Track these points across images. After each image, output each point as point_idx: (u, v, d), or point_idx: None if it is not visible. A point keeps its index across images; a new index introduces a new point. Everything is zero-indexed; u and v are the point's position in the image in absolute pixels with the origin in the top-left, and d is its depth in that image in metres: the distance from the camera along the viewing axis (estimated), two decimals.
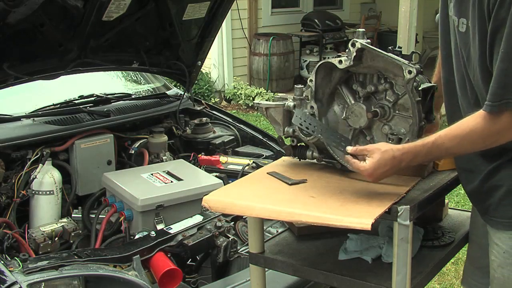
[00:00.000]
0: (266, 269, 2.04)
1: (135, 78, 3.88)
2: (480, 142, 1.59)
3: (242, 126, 3.56)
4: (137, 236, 2.47)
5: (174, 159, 3.21)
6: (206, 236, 2.37)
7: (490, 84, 1.53)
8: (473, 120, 1.57)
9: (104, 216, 2.63)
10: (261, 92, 8.03)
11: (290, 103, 1.94)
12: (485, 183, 1.73)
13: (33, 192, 2.65)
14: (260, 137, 3.46)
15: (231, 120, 3.63)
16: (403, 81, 1.70)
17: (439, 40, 1.85)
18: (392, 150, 1.62)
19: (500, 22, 1.46)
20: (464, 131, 1.57)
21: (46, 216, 2.64)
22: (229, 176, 2.96)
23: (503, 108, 1.50)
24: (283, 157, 2.13)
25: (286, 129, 1.97)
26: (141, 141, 3.20)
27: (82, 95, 3.29)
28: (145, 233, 2.44)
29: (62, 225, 2.53)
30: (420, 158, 1.63)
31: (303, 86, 1.94)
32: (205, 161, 3.13)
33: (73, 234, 2.53)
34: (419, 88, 1.74)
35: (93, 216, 2.67)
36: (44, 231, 2.45)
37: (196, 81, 7.28)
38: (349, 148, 1.70)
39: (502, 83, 1.49)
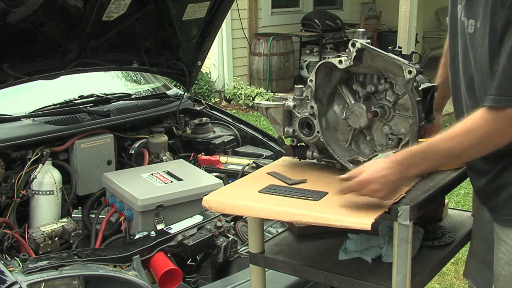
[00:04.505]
0: (266, 269, 2.04)
1: (135, 78, 3.88)
2: (479, 143, 1.53)
3: (242, 126, 3.56)
4: (137, 236, 2.47)
5: (174, 159, 3.21)
6: (206, 236, 2.37)
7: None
8: (471, 118, 1.54)
9: (104, 216, 2.63)
10: (261, 92, 8.02)
11: (290, 103, 1.94)
12: (492, 182, 1.73)
13: (33, 192, 2.65)
14: (260, 137, 3.46)
15: (231, 120, 3.63)
16: (403, 81, 1.70)
17: (448, 43, 1.84)
18: (384, 159, 1.60)
19: None
20: (462, 130, 1.54)
21: (46, 216, 2.64)
22: (229, 176, 2.96)
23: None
24: (283, 157, 2.12)
25: (286, 129, 1.97)
26: (141, 141, 3.20)
27: (82, 95, 3.28)
28: (145, 233, 2.44)
29: (62, 225, 2.53)
30: (419, 160, 1.59)
31: (303, 86, 1.93)
32: (205, 161, 3.13)
33: (73, 234, 2.53)
34: (419, 88, 1.74)
35: (93, 216, 2.67)
36: (44, 231, 2.45)
37: (196, 81, 7.28)
38: (342, 176, 1.65)
39: None
